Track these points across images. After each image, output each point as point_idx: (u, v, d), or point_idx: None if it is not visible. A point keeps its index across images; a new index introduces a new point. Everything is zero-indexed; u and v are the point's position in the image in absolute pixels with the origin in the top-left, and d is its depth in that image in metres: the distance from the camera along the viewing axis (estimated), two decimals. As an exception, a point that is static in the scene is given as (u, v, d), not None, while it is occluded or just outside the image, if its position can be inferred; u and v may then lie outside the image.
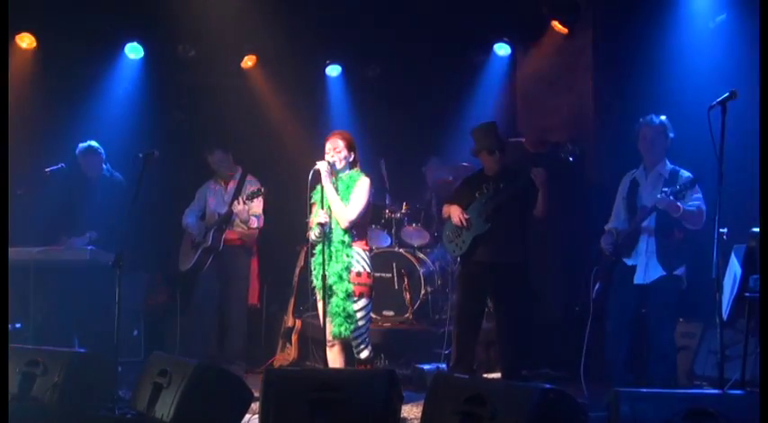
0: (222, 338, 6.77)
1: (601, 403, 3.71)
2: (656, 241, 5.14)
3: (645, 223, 5.15)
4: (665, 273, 5.09)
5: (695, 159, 5.17)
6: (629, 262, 5.22)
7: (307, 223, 5.20)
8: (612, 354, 5.28)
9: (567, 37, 7.43)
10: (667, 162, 5.28)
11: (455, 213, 5.70)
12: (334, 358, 5.08)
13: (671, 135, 5.25)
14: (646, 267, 5.15)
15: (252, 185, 6.60)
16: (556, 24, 7.31)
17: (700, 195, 5.07)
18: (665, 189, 4.95)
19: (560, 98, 7.64)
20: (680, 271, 5.14)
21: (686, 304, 5.73)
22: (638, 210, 5.21)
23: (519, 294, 5.64)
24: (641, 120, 5.32)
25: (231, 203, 6.43)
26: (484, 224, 5.56)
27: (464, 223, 5.63)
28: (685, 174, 5.16)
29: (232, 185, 6.73)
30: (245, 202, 6.25)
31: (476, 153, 5.82)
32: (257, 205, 6.53)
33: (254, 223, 6.53)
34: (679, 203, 4.89)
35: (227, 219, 6.51)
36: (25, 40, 7.36)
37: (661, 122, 5.26)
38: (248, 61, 8.08)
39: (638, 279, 5.15)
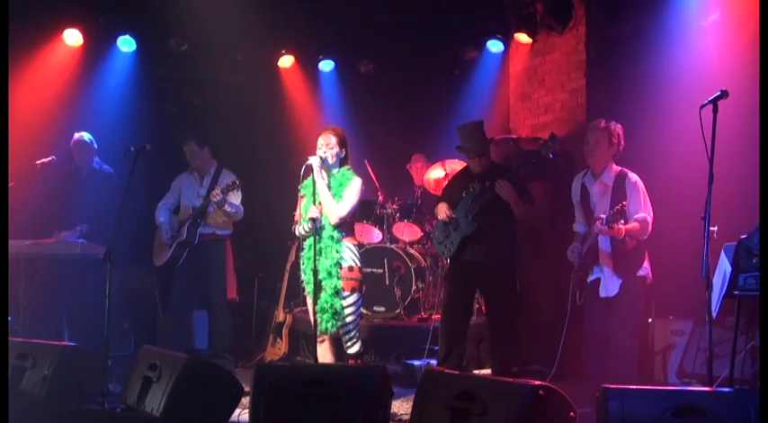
0: (211, 333, 6.76)
1: (591, 400, 3.71)
2: (611, 256, 5.19)
3: (599, 241, 5.22)
4: (624, 281, 5.15)
5: (686, 158, 5.19)
6: (591, 277, 5.30)
7: (293, 217, 5.20)
8: (588, 356, 5.36)
9: (559, 35, 7.45)
10: (613, 167, 5.27)
11: (442, 210, 5.68)
12: (324, 353, 5.08)
13: (616, 143, 5.23)
14: (606, 282, 5.21)
15: (228, 177, 6.52)
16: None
17: (639, 203, 5.13)
18: (603, 215, 5.00)
19: (553, 96, 7.65)
20: (642, 271, 5.21)
21: (674, 301, 5.81)
22: (592, 221, 5.25)
23: (507, 293, 5.63)
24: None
25: (206, 197, 6.37)
26: (471, 224, 5.53)
27: (449, 218, 5.61)
28: (633, 178, 5.19)
29: (207, 179, 6.65)
30: (221, 193, 6.17)
31: (460, 151, 5.78)
32: (234, 197, 6.44)
33: (230, 209, 6.40)
34: (620, 226, 4.93)
35: (203, 212, 6.45)
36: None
37: (605, 127, 5.26)
38: (241, 56, 8.06)
39: (602, 293, 5.22)
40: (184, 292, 6.65)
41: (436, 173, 7.44)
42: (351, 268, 4.98)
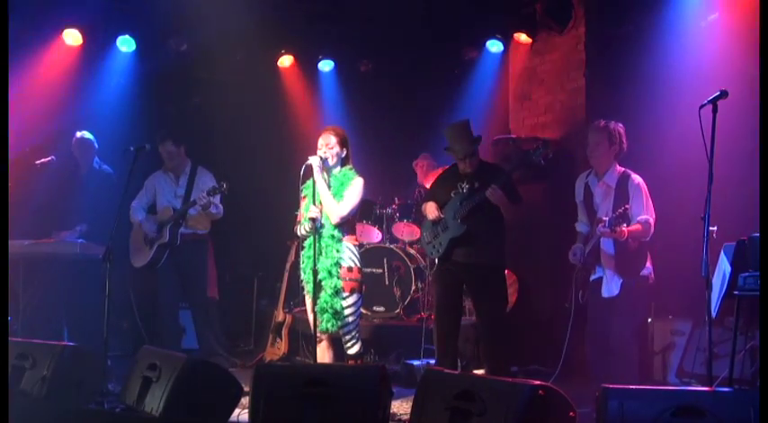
0: (198, 334, 6.75)
1: (590, 400, 3.72)
2: (613, 258, 5.24)
3: (601, 243, 5.25)
4: (626, 280, 5.20)
5: (685, 158, 5.19)
6: (594, 276, 5.35)
7: (295, 217, 5.20)
8: (590, 354, 5.39)
9: (559, 35, 7.45)
10: (616, 168, 5.31)
11: (430, 210, 5.64)
12: (323, 353, 5.08)
13: (617, 142, 5.27)
14: (608, 282, 5.26)
15: (205, 176, 6.48)
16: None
17: (642, 205, 5.13)
18: (605, 217, 5.04)
19: (553, 96, 7.65)
20: (645, 271, 5.25)
21: (674, 301, 5.80)
22: (595, 222, 5.26)
23: (496, 294, 5.57)
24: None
25: (185, 198, 6.35)
26: (460, 226, 5.46)
27: (438, 219, 5.57)
28: (636, 179, 5.23)
29: (183, 178, 6.55)
30: (206, 196, 6.09)
31: (447, 152, 5.70)
32: (215, 197, 6.35)
33: (215, 211, 6.33)
34: (623, 228, 4.97)
35: (184, 214, 6.36)
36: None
37: (604, 127, 5.27)
38: (241, 56, 8.06)
39: (605, 293, 5.27)
40: (170, 293, 6.56)
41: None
42: (350, 269, 4.98)
